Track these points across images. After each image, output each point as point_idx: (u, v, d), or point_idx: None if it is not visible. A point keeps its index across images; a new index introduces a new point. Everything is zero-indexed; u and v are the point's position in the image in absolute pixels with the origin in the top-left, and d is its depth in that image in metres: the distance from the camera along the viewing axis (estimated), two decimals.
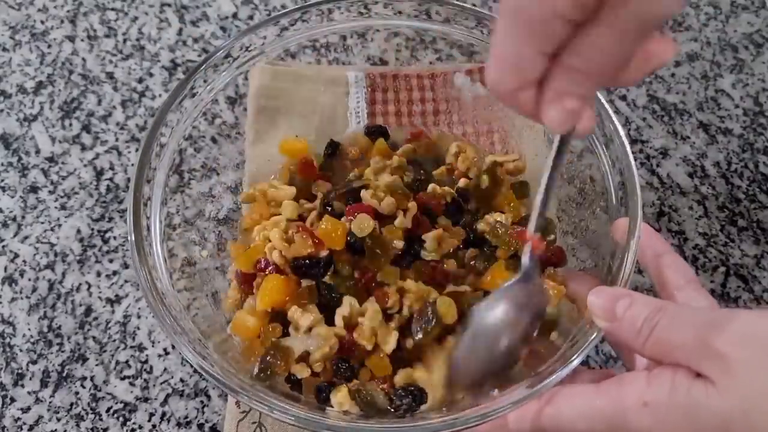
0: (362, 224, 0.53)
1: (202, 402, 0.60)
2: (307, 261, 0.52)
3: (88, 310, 0.63)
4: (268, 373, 0.50)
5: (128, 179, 0.69)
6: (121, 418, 0.59)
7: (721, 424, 0.37)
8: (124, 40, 0.78)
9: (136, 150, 0.71)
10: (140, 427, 0.59)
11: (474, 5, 0.61)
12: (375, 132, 0.65)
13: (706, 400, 0.37)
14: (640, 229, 0.48)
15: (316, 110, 0.67)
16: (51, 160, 0.71)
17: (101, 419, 0.59)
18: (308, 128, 0.65)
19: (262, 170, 0.64)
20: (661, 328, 0.40)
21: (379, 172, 0.59)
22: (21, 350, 0.62)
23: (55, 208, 0.68)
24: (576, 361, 0.45)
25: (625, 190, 0.51)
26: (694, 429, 0.38)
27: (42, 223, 0.67)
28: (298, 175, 0.62)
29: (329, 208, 0.57)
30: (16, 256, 0.66)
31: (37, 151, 0.71)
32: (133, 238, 0.50)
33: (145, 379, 0.61)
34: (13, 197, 0.69)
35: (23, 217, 0.68)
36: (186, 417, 0.59)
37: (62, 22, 0.79)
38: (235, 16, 0.80)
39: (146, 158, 0.53)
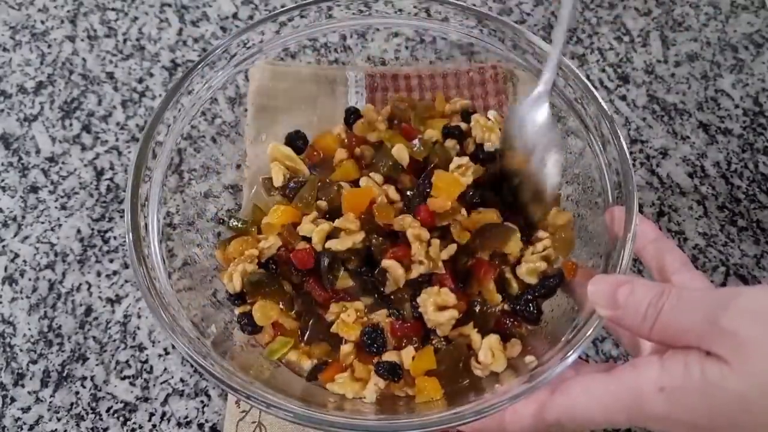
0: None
1: (202, 402, 0.60)
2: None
3: (89, 310, 0.63)
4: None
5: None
6: (121, 418, 0.59)
7: (739, 403, 0.36)
8: (124, 40, 0.78)
9: None
10: (140, 427, 0.59)
11: (474, 5, 0.61)
12: (352, 114, 0.65)
13: (722, 381, 0.36)
14: (636, 226, 0.48)
15: (316, 110, 0.67)
16: (51, 160, 0.71)
17: (101, 419, 0.59)
18: (308, 128, 0.65)
19: (263, 171, 0.64)
20: (666, 312, 0.39)
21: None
22: (21, 350, 0.62)
23: (56, 208, 0.68)
24: (573, 356, 0.44)
25: (622, 189, 0.51)
26: (711, 410, 0.37)
27: (42, 223, 0.67)
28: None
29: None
30: (17, 256, 0.66)
31: (38, 151, 0.71)
32: (131, 238, 0.50)
33: (145, 379, 0.61)
34: (13, 197, 0.69)
35: (23, 217, 0.68)
36: (186, 417, 0.59)
37: (62, 22, 0.79)
38: (235, 16, 0.80)
39: (143, 157, 0.53)
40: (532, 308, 0.53)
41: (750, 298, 0.38)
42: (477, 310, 0.54)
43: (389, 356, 0.53)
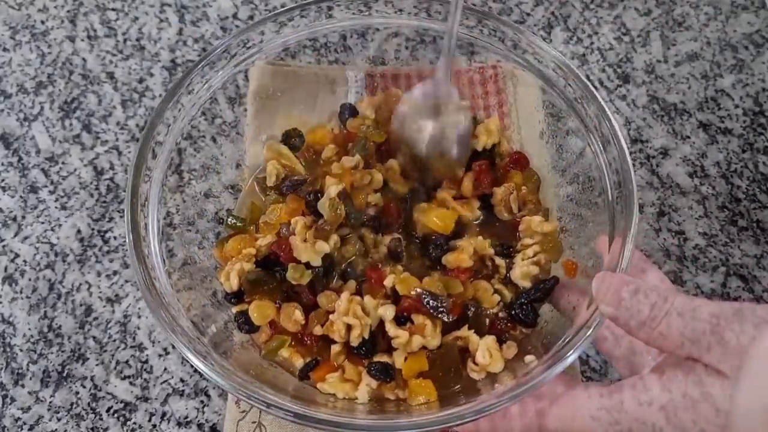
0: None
1: (202, 402, 0.60)
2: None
3: (88, 310, 0.63)
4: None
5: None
6: (121, 418, 0.59)
7: (741, 422, 0.36)
8: (124, 40, 0.78)
9: None
10: (140, 427, 0.59)
11: (474, 5, 0.61)
12: (348, 111, 0.65)
13: (723, 400, 0.36)
14: (636, 226, 0.48)
15: (315, 110, 0.67)
16: (51, 159, 0.71)
17: (101, 419, 0.59)
18: (308, 128, 0.65)
19: (263, 171, 0.64)
20: (672, 318, 0.39)
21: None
22: (21, 350, 0.62)
23: (56, 207, 0.68)
24: (573, 356, 0.45)
25: (622, 189, 0.51)
26: (712, 429, 0.37)
27: (42, 222, 0.67)
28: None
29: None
30: (17, 255, 0.66)
31: (38, 151, 0.71)
32: (131, 238, 0.50)
33: (145, 379, 0.61)
34: (13, 197, 0.69)
35: (23, 217, 0.68)
36: (186, 417, 0.59)
37: (62, 22, 0.79)
38: (235, 16, 0.80)
39: (143, 157, 0.53)
40: (527, 312, 0.53)
41: (756, 317, 0.37)
42: (471, 314, 0.54)
43: (380, 358, 0.53)
